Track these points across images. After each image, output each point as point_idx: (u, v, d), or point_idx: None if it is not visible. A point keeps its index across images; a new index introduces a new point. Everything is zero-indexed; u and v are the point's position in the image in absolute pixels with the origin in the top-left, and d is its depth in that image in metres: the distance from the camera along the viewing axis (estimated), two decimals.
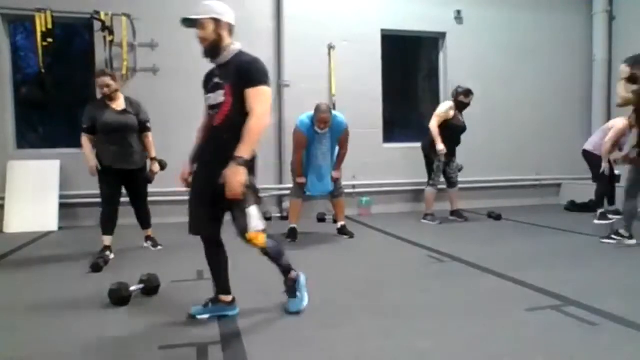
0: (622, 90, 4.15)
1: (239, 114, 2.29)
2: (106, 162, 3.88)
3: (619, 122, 5.54)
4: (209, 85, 2.44)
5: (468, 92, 5.68)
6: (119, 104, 3.95)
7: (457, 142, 5.80)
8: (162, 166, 4.20)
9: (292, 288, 2.57)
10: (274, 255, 2.51)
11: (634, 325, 2.31)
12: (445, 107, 5.67)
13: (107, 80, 3.86)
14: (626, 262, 3.70)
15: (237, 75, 2.31)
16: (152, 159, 4.13)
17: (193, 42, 2.43)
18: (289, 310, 2.55)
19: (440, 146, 5.50)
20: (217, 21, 2.35)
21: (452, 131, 5.64)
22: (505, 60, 7.14)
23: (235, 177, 2.20)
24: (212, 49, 2.37)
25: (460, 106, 5.69)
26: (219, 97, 2.34)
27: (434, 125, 5.59)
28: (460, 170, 5.90)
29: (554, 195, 7.39)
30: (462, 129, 5.76)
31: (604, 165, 5.55)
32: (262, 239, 2.36)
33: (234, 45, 2.41)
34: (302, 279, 2.61)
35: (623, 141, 5.63)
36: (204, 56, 2.41)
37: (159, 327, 2.38)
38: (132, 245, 4.35)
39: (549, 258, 3.83)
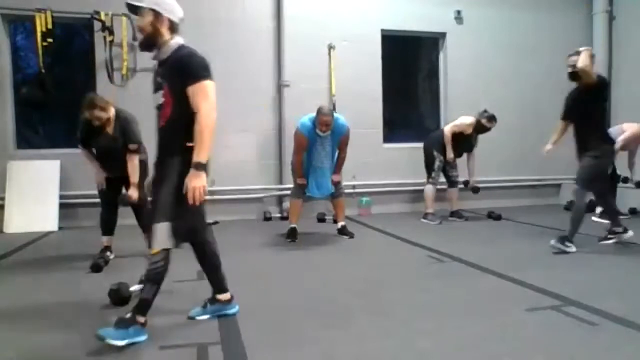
0: (588, 61, 4.13)
1: (182, 114, 2.18)
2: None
3: (635, 126, 5.59)
4: (154, 84, 2.34)
5: (492, 118, 5.71)
6: (111, 128, 3.71)
7: (460, 155, 5.86)
8: (142, 200, 3.75)
9: (128, 322, 2.16)
10: (150, 279, 2.23)
11: (634, 325, 2.31)
12: (467, 122, 5.71)
13: (97, 113, 3.58)
14: (626, 262, 3.70)
15: (175, 73, 2.21)
16: (133, 184, 3.71)
17: (192, 42, 2.42)
18: (100, 333, 2.11)
19: (451, 155, 5.64)
20: (156, 14, 2.24)
21: (461, 144, 5.72)
22: (505, 60, 7.13)
23: (196, 184, 2.13)
24: (146, 41, 2.28)
25: (480, 128, 5.72)
26: (160, 97, 2.26)
27: (448, 132, 5.68)
28: (476, 192, 5.92)
29: (554, 195, 7.39)
30: (470, 147, 5.83)
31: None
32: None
33: (174, 40, 2.28)
34: (142, 337, 2.19)
35: (633, 146, 5.64)
36: (139, 48, 2.33)
37: (159, 327, 2.37)
38: (132, 245, 4.34)
39: (549, 258, 3.83)
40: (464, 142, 5.71)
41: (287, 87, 6.25)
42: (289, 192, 5.27)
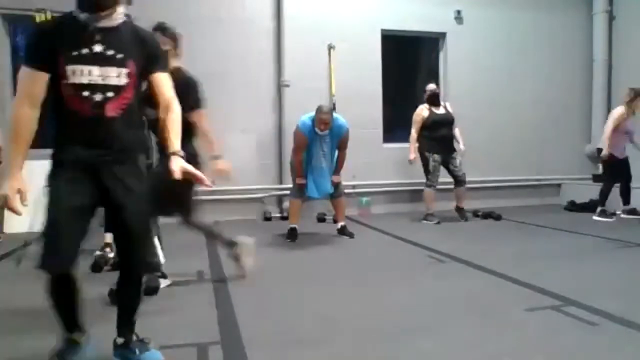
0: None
1: (136, 102, 1.85)
2: None
3: (617, 110, 5.65)
4: (83, 50, 1.71)
5: (426, 87, 5.79)
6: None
7: (447, 137, 5.72)
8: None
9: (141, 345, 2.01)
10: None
11: (634, 325, 2.31)
12: (417, 111, 5.72)
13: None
14: (626, 262, 3.70)
15: (141, 51, 1.81)
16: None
17: (192, 42, 2.42)
18: None
19: (412, 155, 5.63)
20: None
21: (434, 128, 5.62)
22: (505, 60, 7.14)
23: (186, 166, 1.81)
24: None
25: (430, 100, 5.69)
26: (116, 76, 1.74)
27: (412, 132, 5.67)
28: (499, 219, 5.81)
29: (554, 195, 7.39)
30: (443, 122, 5.68)
31: (604, 152, 5.56)
32: None
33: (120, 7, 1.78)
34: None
35: (625, 127, 5.60)
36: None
37: (159, 327, 2.37)
38: None
39: (548, 258, 3.83)
40: (433, 124, 5.61)
41: (287, 87, 6.25)
42: (289, 192, 5.27)
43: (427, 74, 7.37)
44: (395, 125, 7.01)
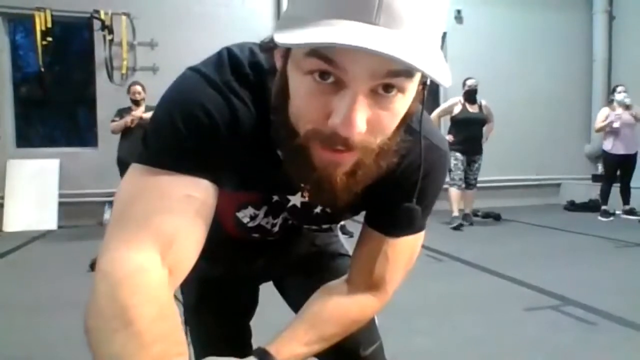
0: None
1: None
2: (122, 156, 4.55)
3: None
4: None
5: (465, 80, 5.34)
6: (140, 110, 4.74)
7: (475, 137, 5.33)
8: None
9: None
10: None
11: (633, 324, 2.31)
12: (450, 101, 5.34)
13: (139, 88, 4.81)
14: (625, 261, 3.70)
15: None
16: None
17: (192, 40, 2.41)
18: None
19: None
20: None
21: (464, 126, 5.22)
22: (505, 60, 7.14)
23: None
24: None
25: (467, 95, 5.29)
26: None
27: (433, 114, 5.15)
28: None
29: (554, 195, 7.39)
30: (474, 121, 5.29)
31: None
32: None
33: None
34: None
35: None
36: None
37: None
38: None
39: (548, 257, 3.83)
40: (462, 122, 5.23)
41: None
42: None
43: None
44: None
